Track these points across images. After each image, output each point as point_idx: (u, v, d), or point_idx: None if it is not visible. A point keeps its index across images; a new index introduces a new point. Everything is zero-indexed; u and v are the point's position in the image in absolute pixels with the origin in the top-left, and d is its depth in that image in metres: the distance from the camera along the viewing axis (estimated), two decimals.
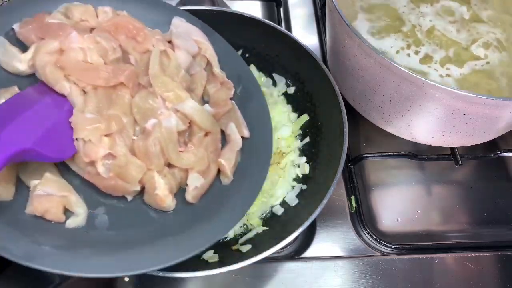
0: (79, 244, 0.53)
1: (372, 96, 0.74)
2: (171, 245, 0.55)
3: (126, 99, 0.60)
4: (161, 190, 0.57)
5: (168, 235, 0.56)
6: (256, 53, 0.85)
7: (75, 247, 0.52)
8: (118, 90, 0.60)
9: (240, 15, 0.80)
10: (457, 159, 0.81)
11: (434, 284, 0.72)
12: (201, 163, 0.61)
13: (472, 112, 0.65)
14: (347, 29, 0.66)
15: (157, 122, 0.59)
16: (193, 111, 0.62)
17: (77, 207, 0.55)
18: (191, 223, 0.58)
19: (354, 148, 0.86)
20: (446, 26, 0.76)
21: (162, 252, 0.54)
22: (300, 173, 0.77)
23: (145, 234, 0.56)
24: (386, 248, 0.76)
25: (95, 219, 0.56)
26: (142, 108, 0.60)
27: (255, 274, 0.70)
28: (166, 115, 0.60)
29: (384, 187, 0.83)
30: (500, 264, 0.75)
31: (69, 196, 0.55)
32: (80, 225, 0.55)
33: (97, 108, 0.58)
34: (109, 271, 0.51)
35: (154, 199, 0.58)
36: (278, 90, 0.84)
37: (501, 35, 0.76)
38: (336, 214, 0.78)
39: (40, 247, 0.50)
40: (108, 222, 0.57)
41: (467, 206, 0.83)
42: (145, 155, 0.57)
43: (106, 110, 0.58)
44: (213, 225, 0.58)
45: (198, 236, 0.56)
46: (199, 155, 0.61)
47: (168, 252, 0.54)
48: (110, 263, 0.51)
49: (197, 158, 0.61)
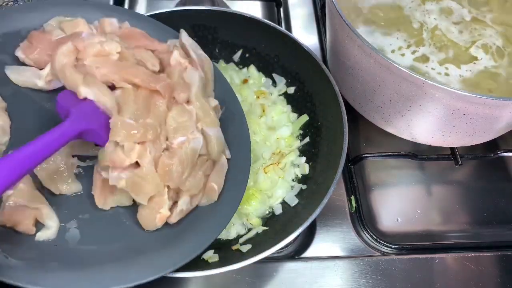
0: (47, 257, 0.52)
1: (372, 96, 0.74)
2: (142, 263, 0.54)
3: (162, 110, 0.59)
4: (165, 210, 0.57)
5: (140, 253, 0.55)
6: (256, 53, 0.85)
7: (43, 261, 0.51)
8: (155, 98, 0.59)
9: (240, 15, 0.80)
10: (457, 159, 0.81)
11: (434, 284, 0.72)
12: (197, 187, 0.60)
13: (472, 112, 0.65)
14: (347, 29, 0.66)
15: (186, 140, 0.58)
16: (217, 139, 0.62)
17: (48, 220, 0.54)
18: (165, 243, 0.57)
19: (354, 148, 0.86)
20: (448, 27, 0.76)
21: (131, 270, 0.53)
22: (299, 173, 0.77)
23: (116, 251, 0.55)
24: (386, 248, 0.76)
25: (66, 233, 0.55)
26: (177, 123, 0.59)
27: (255, 274, 0.70)
28: (195, 136, 0.59)
29: (384, 187, 0.83)
30: (500, 264, 0.75)
31: (42, 208, 0.54)
32: (50, 238, 0.54)
33: (135, 114, 0.57)
34: (75, 287, 0.51)
35: (153, 217, 0.57)
36: (278, 90, 0.84)
37: (501, 36, 0.76)
38: (336, 214, 0.78)
39: (8, 259, 0.50)
40: (79, 237, 0.56)
41: (467, 206, 0.83)
42: (167, 172, 0.56)
43: (144, 118, 0.57)
44: (186, 245, 0.57)
45: (170, 256, 0.55)
46: (197, 178, 0.60)
47: (138, 270, 0.53)
48: (77, 279, 0.51)
49: (195, 181, 0.60)
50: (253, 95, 0.82)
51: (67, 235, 0.55)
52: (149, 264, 0.54)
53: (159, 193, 0.57)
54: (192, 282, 0.69)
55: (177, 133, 0.59)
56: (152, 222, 0.57)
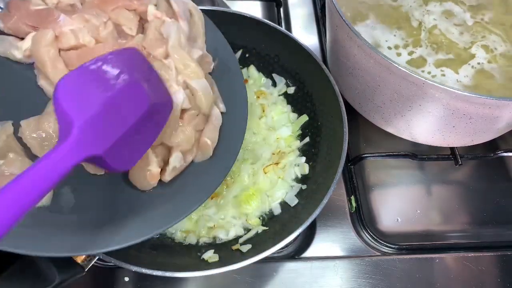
0: (42, 223, 0.52)
1: (372, 96, 0.74)
2: (139, 223, 0.54)
3: None
4: (154, 167, 0.56)
5: (137, 213, 0.55)
6: (256, 53, 0.85)
7: (39, 227, 0.51)
8: None
9: (240, 15, 0.80)
10: (457, 159, 0.81)
11: (434, 284, 0.72)
12: (188, 143, 0.59)
13: (472, 112, 0.65)
14: (347, 29, 0.66)
15: None
16: (203, 91, 0.60)
17: None
18: (162, 201, 0.56)
19: (354, 148, 0.86)
20: (448, 27, 0.76)
21: (128, 230, 0.53)
22: (299, 173, 0.77)
23: (112, 213, 0.55)
24: (386, 248, 0.76)
25: (60, 198, 0.55)
26: None
27: (255, 274, 0.70)
28: (175, 89, 0.57)
29: (384, 187, 0.83)
30: (500, 264, 0.75)
31: None
32: (44, 204, 0.54)
33: None
34: (70, 250, 0.50)
35: (144, 176, 0.56)
36: (278, 90, 0.84)
37: (501, 36, 0.76)
38: (336, 214, 0.78)
39: None
40: (74, 201, 0.55)
41: (467, 206, 0.83)
42: None
43: None
44: (184, 201, 0.56)
45: (167, 213, 0.55)
46: (187, 133, 0.58)
47: (135, 229, 0.53)
48: (72, 242, 0.51)
49: (185, 136, 0.58)
50: (253, 95, 0.82)
51: (62, 200, 0.55)
52: (147, 223, 0.53)
53: None
54: (192, 282, 0.69)
55: None
56: (144, 181, 0.56)
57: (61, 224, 0.53)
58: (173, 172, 0.58)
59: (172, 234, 0.70)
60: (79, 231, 0.52)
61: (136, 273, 0.67)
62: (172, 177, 0.58)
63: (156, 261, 0.63)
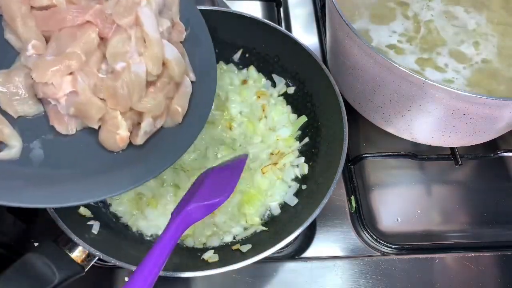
0: (12, 176, 0.52)
1: (372, 96, 0.74)
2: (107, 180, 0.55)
3: (92, 36, 0.58)
4: (123, 131, 0.57)
5: (105, 172, 0.56)
6: (256, 53, 0.85)
7: (9, 179, 0.52)
8: (85, 28, 0.58)
9: (240, 15, 0.80)
10: (457, 159, 0.81)
11: (434, 284, 0.72)
12: (158, 109, 0.61)
13: (472, 112, 0.65)
14: (347, 29, 0.66)
15: (126, 65, 0.58)
16: (175, 60, 0.62)
17: (11, 139, 0.54)
18: (131, 161, 0.58)
19: (354, 148, 0.86)
20: (445, 26, 0.76)
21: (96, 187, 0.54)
22: (299, 174, 0.76)
23: (82, 170, 0.56)
24: (386, 248, 0.76)
25: (29, 153, 0.56)
26: (115, 49, 0.58)
27: (255, 274, 0.70)
28: (136, 61, 0.58)
29: (384, 187, 0.83)
30: (500, 264, 0.75)
31: (3, 128, 0.54)
32: (14, 157, 0.54)
33: (58, 49, 0.57)
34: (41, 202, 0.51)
35: (114, 139, 0.57)
36: (278, 91, 0.84)
37: (501, 36, 0.76)
38: (336, 214, 0.78)
39: None
40: (43, 156, 0.56)
41: (467, 206, 0.83)
42: (113, 95, 0.57)
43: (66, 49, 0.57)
44: (152, 162, 0.58)
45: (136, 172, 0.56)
46: (157, 100, 0.60)
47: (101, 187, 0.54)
48: (43, 195, 0.51)
49: (155, 102, 0.60)
50: (253, 96, 0.82)
51: (31, 154, 0.56)
52: (114, 181, 0.55)
53: (109, 115, 0.57)
54: (192, 282, 0.69)
55: (116, 59, 0.58)
56: (114, 143, 0.58)
57: (31, 177, 0.53)
58: (144, 135, 0.60)
59: None
60: (49, 184, 0.53)
61: None
62: (143, 141, 0.60)
63: None
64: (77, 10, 0.58)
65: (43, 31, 0.59)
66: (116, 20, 0.59)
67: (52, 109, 0.58)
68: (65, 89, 0.56)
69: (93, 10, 0.58)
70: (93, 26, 0.58)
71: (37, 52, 0.58)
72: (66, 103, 0.57)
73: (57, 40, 0.58)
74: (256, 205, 0.72)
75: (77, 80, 0.56)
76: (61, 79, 0.55)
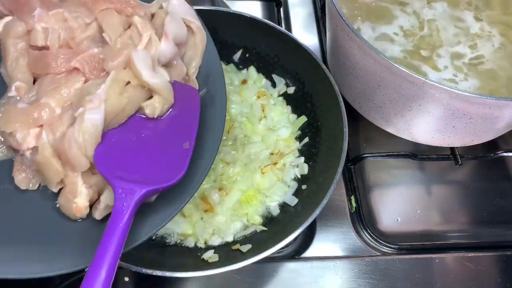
0: None
1: (372, 96, 0.74)
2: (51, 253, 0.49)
3: (76, 87, 0.52)
4: (81, 200, 0.50)
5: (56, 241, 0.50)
6: (256, 53, 0.85)
7: None
8: (71, 75, 0.53)
9: (240, 15, 0.80)
10: (457, 159, 0.81)
11: (434, 284, 0.72)
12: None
13: (472, 112, 0.65)
14: (347, 29, 0.66)
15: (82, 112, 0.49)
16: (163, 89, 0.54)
17: None
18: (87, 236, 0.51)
19: (354, 148, 0.86)
20: (447, 26, 0.76)
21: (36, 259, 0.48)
22: (299, 174, 0.76)
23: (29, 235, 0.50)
24: (386, 248, 0.76)
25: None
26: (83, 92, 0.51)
27: (255, 274, 0.70)
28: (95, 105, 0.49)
29: (384, 187, 0.83)
30: (500, 264, 0.75)
31: None
32: None
33: (37, 96, 0.52)
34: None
35: (70, 206, 0.50)
36: (278, 91, 0.84)
37: (501, 35, 0.76)
38: (336, 214, 0.78)
39: None
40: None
41: (467, 206, 0.83)
42: (65, 158, 0.49)
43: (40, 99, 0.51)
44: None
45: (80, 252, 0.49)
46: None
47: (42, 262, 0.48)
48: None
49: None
50: (253, 96, 0.82)
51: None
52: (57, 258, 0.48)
53: (69, 179, 0.50)
54: (192, 282, 0.69)
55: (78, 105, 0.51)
56: (70, 211, 0.50)
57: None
58: (104, 210, 0.51)
59: (170, 236, 0.69)
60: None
61: (136, 273, 0.66)
62: (102, 216, 0.51)
63: (156, 261, 0.63)
64: (66, 55, 0.53)
65: (34, 73, 0.55)
66: (104, 65, 0.53)
67: (18, 159, 0.53)
68: (29, 142, 0.50)
69: (82, 56, 0.53)
70: (80, 73, 0.53)
71: (19, 94, 0.53)
72: (31, 157, 0.50)
73: (40, 85, 0.53)
74: (256, 205, 0.72)
75: (41, 136, 0.50)
76: (27, 131, 0.50)
